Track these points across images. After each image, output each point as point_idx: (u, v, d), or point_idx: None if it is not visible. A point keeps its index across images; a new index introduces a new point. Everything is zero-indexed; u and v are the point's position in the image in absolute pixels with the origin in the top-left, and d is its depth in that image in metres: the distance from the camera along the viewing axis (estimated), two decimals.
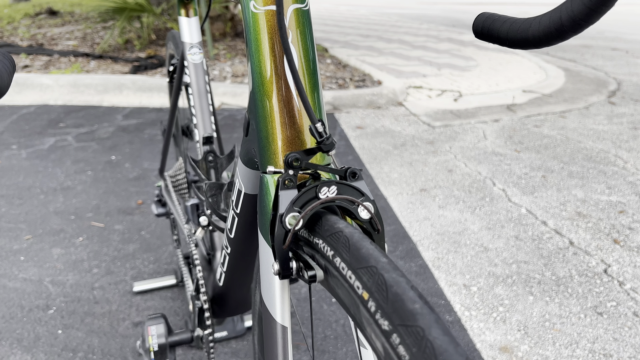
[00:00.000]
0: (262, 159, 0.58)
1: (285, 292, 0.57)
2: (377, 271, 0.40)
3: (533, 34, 0.46)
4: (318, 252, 0.49)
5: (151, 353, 0.98)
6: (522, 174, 2.76)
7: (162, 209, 1.49)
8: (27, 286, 1.77)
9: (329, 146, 0.53)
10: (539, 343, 1.55)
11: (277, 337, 0.58)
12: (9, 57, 0.44)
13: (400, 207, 2.38)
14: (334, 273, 0.45)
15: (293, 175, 0.53)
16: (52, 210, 2.28)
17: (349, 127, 3.51)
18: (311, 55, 0.57)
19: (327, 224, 0.49)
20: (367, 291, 0.39)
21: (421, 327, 0.33)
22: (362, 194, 0.54)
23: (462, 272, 1.89)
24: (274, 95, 0.56)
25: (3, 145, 3.01)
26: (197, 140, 1.15)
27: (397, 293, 0.37)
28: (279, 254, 0.52)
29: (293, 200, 0.52)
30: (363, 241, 0.44)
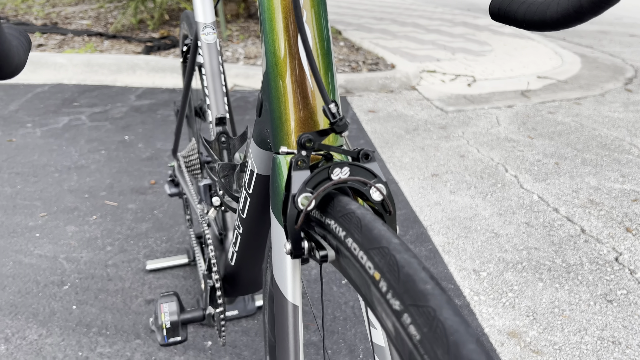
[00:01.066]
0: (275, 140, 0.58)
1: (297, 271, 0.58)
2: (389, 252, 0.40)
3: (551, 15, 0.46)
4: (330, 232, 0.49)
5: (164, 330, 1.00)
6: (535, 160, 2.75)
7: (174, 189, 1.50)
8: (42, 262, 1.80)
9: (342, 127, 0.53)
10: (548, 329, 1.56)
11: (288, 315, 0.58)
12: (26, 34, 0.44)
13: (412, 191, 2.38)
14: (345, 253, 0.46)
15: (306, 156, 0.53)
16: (66, 189, 2.30)
17: (361, 111, 3.50)
18: (325, 36, 0.56)
19: (340, 205, 0.49)
20: (379, 271, 0.40)
21: (432, 308, 0.34)
22: (374, 176, 0.54)
23: (472, 257, 1.90)
24: (287, 75, 0.56)
25: (18, 124, 3.04)
26: (210, 121, 1.15)
27: (408, 274, 0.37)
28: (291, 233, 0.53)
29: (306, 181, 0.52)
30: (375, 222, 0.44)
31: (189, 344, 1.46)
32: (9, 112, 3.22)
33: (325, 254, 0.51)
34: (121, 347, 1.45)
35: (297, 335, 0.59)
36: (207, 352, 1.44)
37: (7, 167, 2.50)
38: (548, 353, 1.47)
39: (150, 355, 1.42)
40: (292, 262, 0.57)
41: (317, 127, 0.57)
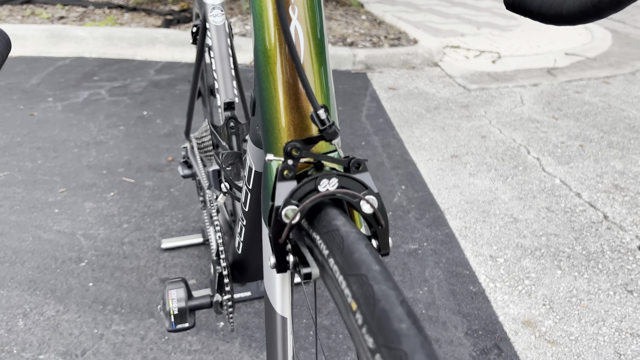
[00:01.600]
0: (265, 144, 0.56)
1: (286, 283, 0.56)
2: (367, 281, 0.37)
3: (568, 9, 0.42)
4: (316, 247, 0.47)
5: (171, 316, 1.00)
6: (559, 142, 2.67)
7: (188, 170, 1.50)
8: (61, 238, 1.83)
9: (331, 135, 0.50)
10: (564, 319, 1.53)
11: (276, 327, 0.57)
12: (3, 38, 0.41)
13: (430, 173, 2.34)
14: (328, 273, 0.44)
15: (292, 165, 0.51)
16: (85, 164, 2.32)
17: (381, 88, 3.44)
18: (319, 34, 0.53)
19: (326, 219, 0.47)
20: (356, 302, 0.37)
21: (404, 352, 0.32)
22: (365, 187, 0.51)
23: (490, 242, 1.86)
24: (278, 77, 0.53)
25: (40, 98, 3.06)
26: (219, 105, 1.13)
27: (384, 309, 0.35)
28: (275, 247, 0.51)
29: (290, 192, 0.50)
30: (357, 244, 0.42)
31: (202, 324, 1.47)
32: (30, 86, 3.24)
33: (309, 272, 0.49)
34: (135, 326, 1.47)
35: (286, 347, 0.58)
36: (219, 332, 1.45)
37: (29, 142, 2.53)
38: (563, 344, 1.44)
39: (164, 335, 1.44)
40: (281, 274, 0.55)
41: (308, 132, 0.54)
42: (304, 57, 0.52)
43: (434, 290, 1.63)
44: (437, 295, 1.61)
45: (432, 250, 1.81)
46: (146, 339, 1.42)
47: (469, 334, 1.47)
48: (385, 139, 2.68)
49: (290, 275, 0.57)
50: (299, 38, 0.51)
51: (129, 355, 1.37)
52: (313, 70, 0.53)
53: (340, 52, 3.84)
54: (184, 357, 1.37)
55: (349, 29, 4.55)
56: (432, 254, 1.80)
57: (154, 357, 1.37)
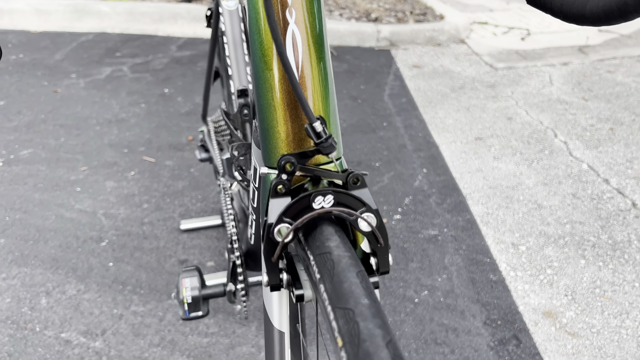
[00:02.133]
0: (263, 154, 0.53)
1: (284, 298, 0.54)
2: (354, 317, 0.35)
3: (591, 10, 0.39)
4: (310, 267, 0.45)
5: (185, 304, 1.00)
6: (588, 125, 2.59)
7: (205, 154, 1.49)
8: (82, 217, 1.85)
9: (327, 148, 0.47)
10: (586, 310, 1.50)
11: (274, 341, 0.56)
12: None
13: (453, 156, 2.30)
14: (320, 299, 0.41)
15: (287, 180, 0.48)
16: (106, 143, 2.34)
17: (405, 66, 3.36)
18: (319, 38, 0.49)
19: (320, 239, 0.45)
20: (341, 338, 0.35)
21: None
22: (363, 204, 0.48)
23: (512, 229, 1.83)
24: (275, 84, 0.50)
25: (63, 74, 3.08)
26: (233, 92, 1.11)
27: (368, 351, 0.33)
28: (267, 265, 0.49)
29: (283, 210, 0.47)
30: (347, 272, 0.40)
31: (219, 307, 1.48)
32: (54, 62, 3.26)
33: (302, 293, 0.47)
34: (154, 307, 1.48)
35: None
36: (235, 316, 1.46)
37: (52, 119, 2.55)
38: (585, 336, 1.41)
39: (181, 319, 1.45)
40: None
41: (308, 143, 0.51)
42: (303, 62, 0.49)
43: (453, 278, 1.61)
44: (456, 283, 1.59)
45: (453, 237, 1.79)
46: (164, 321, 1.44)
47: (487, 324, 1.45)
48: (408, 119, 2.63)
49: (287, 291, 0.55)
50: (297, 43, 0.48)
51: (147, 337, 1.39)
52: (312, 77, 0.50)
53: (364, 28, 3.76)
54: (201, 340, 1.38)
55: (374, 4, 4.45)
56: (452, 241, 1.77)
57: (171, 338, 1.39)
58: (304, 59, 0.49)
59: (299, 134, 0.51)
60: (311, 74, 0.50)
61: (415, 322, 1.45)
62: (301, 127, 0.51)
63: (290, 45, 0.48)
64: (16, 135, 2.39)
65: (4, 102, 2.71)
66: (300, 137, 0.51)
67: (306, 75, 0.49)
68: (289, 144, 0.51)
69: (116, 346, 1.36)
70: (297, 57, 0.49)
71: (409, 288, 1.57)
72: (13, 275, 1.60)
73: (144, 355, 1.34)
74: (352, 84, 3.04)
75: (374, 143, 2.39)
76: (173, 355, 1.34)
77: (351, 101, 2.82)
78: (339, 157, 0.53)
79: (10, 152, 2.25)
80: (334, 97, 0.52)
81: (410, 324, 1.45)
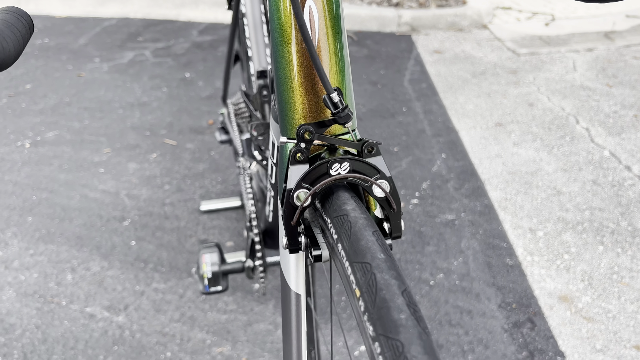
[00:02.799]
0: (281, 125, 0.55)
1: (300, 261, 0.57)
2: (371, 269, 0.38)
3: None
4: (327, 229, 0.47)
5: (205, 279, 1.03)
6: (611, 112, 2.55)
7: (225, 136, 1.52)
8: (106, 197, 1.90)
9: (344, 118, 0.49)
10: (603, 295, 1.49)
11: (291, 303, 0.58)
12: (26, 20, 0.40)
13: (472, 141, 2.29)
14: (337, 257, 0.44)
15: (305, 148, 0.50)
16: (129, 125, 2.38)
17: (426, 51, 3.34)
18: (335, 14, 0.51)
19: (337, 203, 0.47)
20: (359, 289, 0.38)
21: (401, 342, 0.32)
22: (377, 171, 0.51)
23: (530, 215, 1.82)
24: (293, 58, 0.52)
25: (87, 58, 3.14)
26: (252, 74, 1.12)
27: (384, 298, 0.35)
28: (286, 228, 0.51)
29: (302, 176, 0.50)
30: (364, 231, 0.42)
31: (237, 285, 1.51)
32: (78, 46, 3.32)
33: (319, 254, 0.49)
34: (174, 284, 1.53)
35: (300, 323, 0.59)
36: (253, 294, 1.49)
37: (77, 102, 2.61)
38: (600, 321, 1.41)
39: (201, 294, 1.49)
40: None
41: (324, 114, 0.53)
42: (319, 37, 0.51)
43: (469, 262, 1.62)
44: (472, 266, 1.60)
45: (470, 221, 1.79)
46: (184, 297, 1.48)
47: (502, 307, 1.46)
48: (428, 104, 2.63)
49: (304, 254, 0.57)
50: (314, 18, 0.50)
51: (168, 312, 1.43)
52: (329, 51, 0.52)
53: (385, 13, 3.74)
54: (219, 316, 1.42)
55: None
56: (469, 225, 1.77)
57: (191, 314, 1.43)
58: (320, 33, 0.51)
59: (316, 106, 0.53)
60: (328, 48, 0.52)
61: (430, 303, 1.47)
62: (318, 99, 0.53)
63: (308, 20, 0.50)
64: (42, 117, 2.45)
65: (30, 86, 2.77)
66: (316, 108, 0.53)
67: (323, 49, 0.51)
68: (305, 115, 0.53)
69: (138, 321, 1.41)
70: (314, 31, 0.51)
71: (425, 271, 1.58)
72: (40, 251, 1.65)
73: (164, 330, 1.38)
74: (372, 69, 3.04)
75: (393, 128, 2.39)
76: (192, 330, 1.38)
77: (371, 86, 2.82)
78: (354, 129, 0.55)
79: (37, 134, 2.31)
80: (349, 71, 0.54)
81: (425, 305, 1.46)
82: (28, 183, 1.97)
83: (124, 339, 1.36)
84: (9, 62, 0.37)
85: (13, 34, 0.38)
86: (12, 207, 1.85)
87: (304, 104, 0.53)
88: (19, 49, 0.39)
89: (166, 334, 1.37)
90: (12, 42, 0.38)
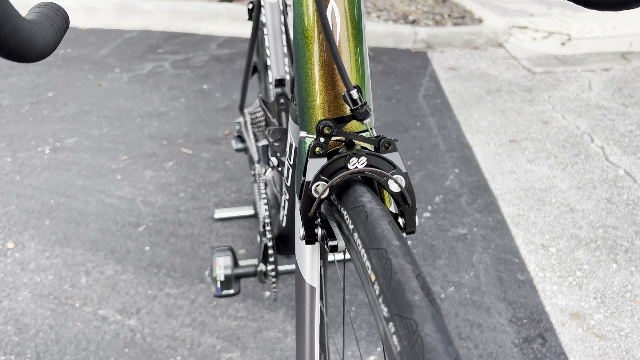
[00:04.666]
0: (300, 121, 0.58)
1: (315, 254, 0.58)
2: (386, 254, 0.39)
3: None
4: (344, 221, 0.49)
5: (218, 282, 1.05)
6: (627, 131, 2.54)
7: (241, 144, 1.54)
8: (122, 203, 1.93)
9: (362, 114, 0.51)
10: (616, 314, 1.48)
11: (305, 295, 0.59)
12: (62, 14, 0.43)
13: (486, 157, 2.29)
14: (353, 246, 0.46)
15: (324, 142, 0.52)
16: (146, 134, 2.43)
17: (441, 68, 3.36)
18: (357, 16, 0.54)
19: (353, 196, 0.49)
20: (375, 273, 0.39)
21: (415, 321, 0.33)
22: (393, 167, 0.52)
23: (542, 231, 1.82)
24: (315, 56, 0.54)
25: (108, 69, 3.21)
26: (270, 82, 1.15)
27: (399, 281, 0.36)
28: (304, 219, 0.53)
29: (321, 169, 0.52)
30: (380, 220, 0.44)
31: (248, 292, 1.53)
32: (100, 57, 3.39)
33: (335, 244, 0.51)
34: (186, 290, 1.54)
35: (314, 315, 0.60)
36: (264, 301, 1.50)
37: (96, 111, 2.66)
38: (612, 339, 1.40)
39: (212, 300, 1.50)
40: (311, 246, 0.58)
41: (343, 111, 0.55)
42: (340, 37, 0.53)
43: (480, 276, 1.61)
44: (483, 280, 1.60)
45: (482, 236, 1.79)
46: (196, 303, 1.49)
47: (513, 322, 1.45)
48: (442, 120, 2.64)
49: (319, 247, 0.59)
50: (336, 19, 0.52)
51: (179, 317, 1.45)
52: (349, 51, 0.54)
53: (401, 30, 3.78)
54: (230, 322, 1.43)
55: (412, 6, 4.46)
56: (482, 240, 1.77)
57: (202, 320, 1.44)
58: (341, 33, 0.53)
59: (335, 103, 0.55)
60: (348, 48, 0.54)
61: None
62: (337, 97, 0.55)
63: (330, 21, 0.53)
64: (62, 125, 2.50)
65: (52, 94, 2.84)
66: (336, 105, 0.55)
67: (343, 49, 0.53)
68: (325, 112, 0.55)
69: (150, 325, 1.42)
70: (336, 32, 0.53)
71: (436, 284, 1.58)
72: (56, 254, 1.68)
73: (175, 334, 1.39)
74: (387, 85, 3.06)
75: (407, 142, 2.41)
76: (203, 335, 1.39)
77: (385, 101, 2.85)
78: (372, 127, 0.56)
79: (57, 140, 2.36)
80: (368, 71, 0.57)
81: None
82: (47, 187, 2.01)
83: (135, 342, 1.37)
84: (48, 52, 0.40)
85: (52, 26, 0.41)
86: (30, 210, 1.89)
87: (324, 101, 0.55)
88: (56, 40, 0.42)
89: (177, 338, 1.38)
90: (51, 34, 0.41)
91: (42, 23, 0.40)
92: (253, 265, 1.10)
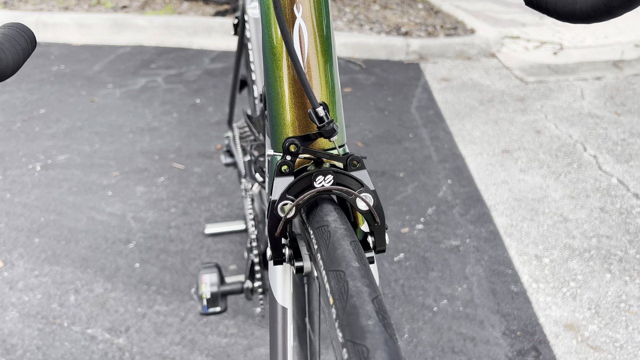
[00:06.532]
0: (271, 139, 0.57)
1: (287, 275, 0.57)
2: (344, 277, 0.38)
3: (580, 8, 0.42)
4: (310, 241, 0.48)
5: (204, 300, 1.03)
6: (619, 139, 2.54)
7: (230, 159, 1.53)
8: (112, 220, 1.92)
9: (329, 132, 0.51)
10: (610, 324, 1.47)
11: (277, 316, 0.58)
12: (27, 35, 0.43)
13: (478, 168, 2.29)
14: (318, 268, 0.45)
15: (290, 160, 0.52)
16: (138, 150, 2.42)
17: (433, 79, 3.37)
18: (325, 31, 0.53)
19: (319, 215, 0.48)
20: (332, 297, 0.38)
21: (367, 347, 0.32)
22: (361, 185, 0.52)
23: (536, 241, 1.80)
24: (283, 74, 0.53)
25: (100, 84, 3.21)
26: (255, 97, 1.14)
27: (354, 305, 0.35)
28: (271, 240, 0.52)
29: (287, 187, 0.51)
30: (342, 241, 0.43)
31: (239, 309, 1.51)
32: (93, 73, 3.40)
33: (301, 265, 0.50)
34: (176, 307, 1.52)
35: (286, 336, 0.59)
36: (255, 318, 1.48)
37: (88, 127, 2.65)
38: (607, 350, 1.38)
39: (202, 317, 1.48)
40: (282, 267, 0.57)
41: (312, 129, 0.55)
42: (309, 54, 0.52)
43: (473, 288, 1.60)
44: (476, 293, 1.58)
45: (475, 247, 1.78)
46: (185, 320, 1.48)
47: (506, 334, 1.43)
48: (434, 131, 2.64)
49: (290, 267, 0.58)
50: (303, 35, 0.52)
51: (169, 335, 1.43)
52: (318, 67, 0.53)
53: (394, 42, 3.79)
54: (220, 340, 1.41)
55: (404, 18, 4.48)
56: (474, 251, 1.76)
57: (192, 337, 1.42)
58: (309, 50, 0.52)
59: (304, 120, 0.54)
60: (317, 64, 0.53)
61: (433, 330, 1.45)
62: (306, 114, 0.54)
63: (297, 37, 0.52)
64: (54, 141, 2.50)
65: (44, 111, 2.83)
66: (305, 123, 0.54)
67: (312, 66, 0.53)
68: (294, 129, 0.54)
69: (138, 343, 1.40)
70: (304, 48, 0.52)
71: (428, 297, 1.57)
72: (45, 272, 1.66)
73: (164, 353, 1.37)
74: (380, 96, 3.07)
75: (399, 154, 2.40)
76: (193, 354, 1.37)
77: (378, 113, 2.84)
78: (342, 145, 0.55)
79: (48, 157, 2.35)
80: (338, 88, 0.56)
81: (427, 331, 1.44)
82: (37, 205, 2.00)
83: None
84: (7, 74, 0.39)
85: (13, 47, 0.40)
86: (20, 228, 1.87)
87: (294, 118, 0.54)
88: (18, 62, 0.41)
89: (166, 357, 1.36)
90: (10, 55, 0.40)
91: (2, 44, 0.40)
92: (240, 282, 1.08)
